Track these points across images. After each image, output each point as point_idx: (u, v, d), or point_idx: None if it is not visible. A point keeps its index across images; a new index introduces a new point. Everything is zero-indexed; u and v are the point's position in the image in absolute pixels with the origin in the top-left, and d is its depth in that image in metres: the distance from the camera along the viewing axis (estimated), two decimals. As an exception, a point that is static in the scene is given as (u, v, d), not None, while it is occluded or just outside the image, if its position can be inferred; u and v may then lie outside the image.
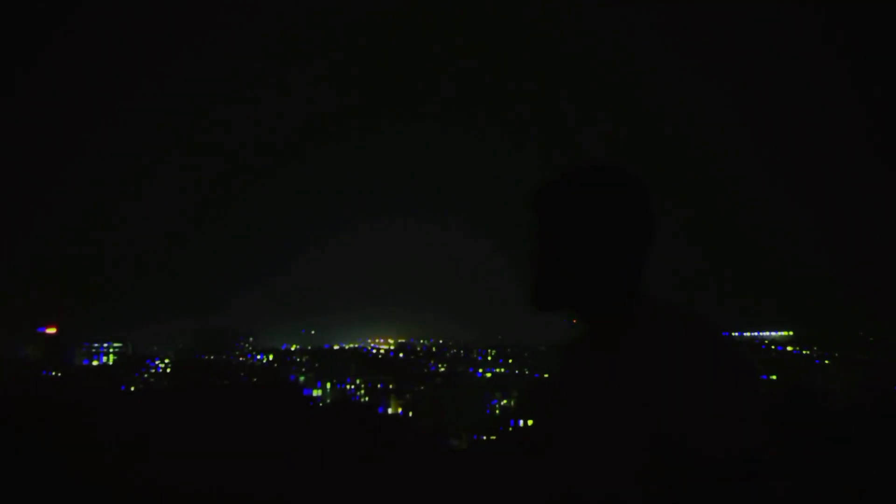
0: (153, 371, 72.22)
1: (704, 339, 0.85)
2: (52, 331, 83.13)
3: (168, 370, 70.98)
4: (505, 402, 55.71)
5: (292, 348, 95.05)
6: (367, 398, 61.76)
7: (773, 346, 78.07)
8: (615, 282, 0.94)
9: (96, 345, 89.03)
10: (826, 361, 62.95)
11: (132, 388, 55.50)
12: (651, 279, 0.97)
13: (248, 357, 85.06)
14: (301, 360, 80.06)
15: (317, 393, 66.45)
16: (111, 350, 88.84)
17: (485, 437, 38.44)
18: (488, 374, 76.51)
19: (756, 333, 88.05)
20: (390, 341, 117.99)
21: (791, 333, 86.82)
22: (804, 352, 72.74)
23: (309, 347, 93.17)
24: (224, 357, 78.77)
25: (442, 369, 78.59)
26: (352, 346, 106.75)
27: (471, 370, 78.79)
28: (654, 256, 0.98)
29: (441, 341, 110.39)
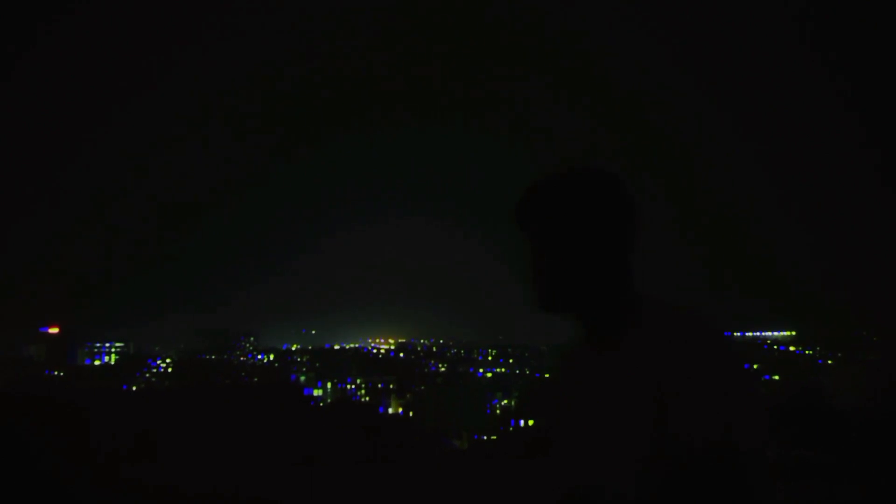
0: (155, 370, 72.32)
1: (705, 338, 0.84)
2: (54, 331, 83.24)
3: (170, 370, 71.02)
4: (505, 402, 55.63)
5: (293, 348, 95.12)
6: (367, 398, 61.75)
7: (775, 346, 77.79)
8: (613, 283, 0.94)
9: (98, 344, 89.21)
10: (829, 362, 62.68)
11: (134, 388, 55.54)
12: (654, 279, 0.98)
13: (250, 357, 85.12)
14: (302, 360, 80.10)
15: (317, 393, 66.43)
16: (113, 350, 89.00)
17: (485, 437, 38.42)
18: (489, 374, 76.38)
19: (758, 333, 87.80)
20: (391, 341, 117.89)
21: (794, 333, 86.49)
22: (807, 352, 72.49)
23: (310, 347, 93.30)
24: (225, 357, 78.78)
25: (442, 369, 78.50)
26: (352, 346, 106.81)
27: (471, 370, 78.70)
28: (657, 257, 0.98)
29: (441, 341, 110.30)
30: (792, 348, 76.43)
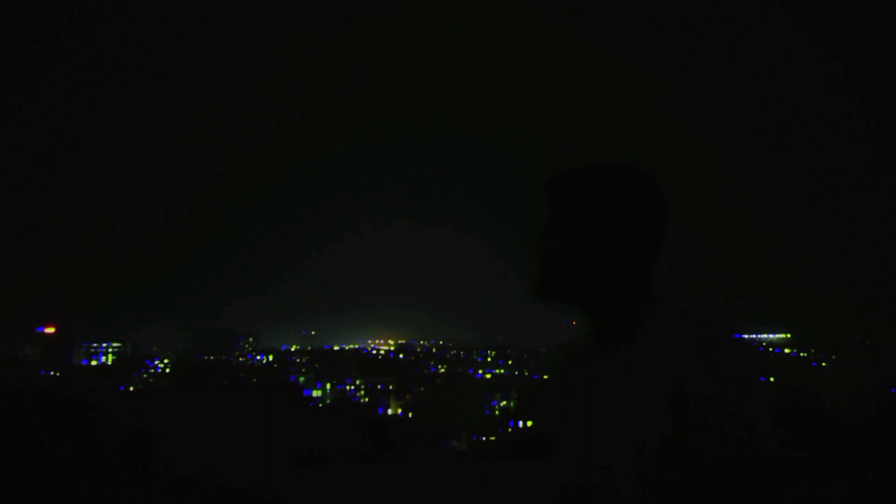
0: (153, 371, 72.29)
1: (725, 338, 0.82)
2: (51, 331, 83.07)
3: (167, 370, 71.02)
4: (504, 403, 55.80)
5: (292, 349, 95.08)
6: (366, 399, 61.84)
7: (770, 349, 78.12)
8: (624, 281, 0.91)
9: (95, 345, 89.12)
10: (823, 364, 63.14)
11: (131, 388, 55.50)
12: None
13: (248, 357, 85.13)
14: (301, 361, 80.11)
15: (317, 393, 66.45)
16: (110, 350, 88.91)
17: (484, 438, 38.57)
18: (488, 376, 76.59)
19: (754, 335, 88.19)
20: (390, 342, 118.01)
21: (789, 336, 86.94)
22: (802, 354, 72.94)
23: (309, 348, 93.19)
24: (224, 357, 78.78)
25: (442, 370, 78.64)
26: (352, 347, 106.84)
27: (471, 371, 78.88)
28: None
29: (441, 342, 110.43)
30: (787, 350, 76.83)
